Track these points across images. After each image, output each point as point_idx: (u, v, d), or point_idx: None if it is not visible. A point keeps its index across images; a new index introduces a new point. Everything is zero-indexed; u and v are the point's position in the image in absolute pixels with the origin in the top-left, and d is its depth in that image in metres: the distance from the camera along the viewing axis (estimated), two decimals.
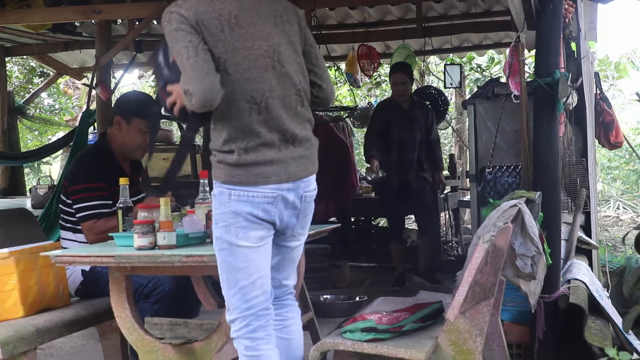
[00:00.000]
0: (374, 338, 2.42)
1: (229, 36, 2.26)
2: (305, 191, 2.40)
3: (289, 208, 2.37)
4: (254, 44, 2.29)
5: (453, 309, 2.29)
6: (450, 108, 9.48)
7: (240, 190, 2.28)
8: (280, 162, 2.32)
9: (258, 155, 2.28)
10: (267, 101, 2.30)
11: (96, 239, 3.12)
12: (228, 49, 2.25)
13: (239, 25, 2.28)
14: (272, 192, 2.30)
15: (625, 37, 33.72)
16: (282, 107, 2.34)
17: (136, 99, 3.54)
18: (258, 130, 2.28)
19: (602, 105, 5.26)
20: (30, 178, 13.46)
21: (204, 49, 2.21)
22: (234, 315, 2.34)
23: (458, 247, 7.73)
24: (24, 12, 5.58)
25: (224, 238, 2.30)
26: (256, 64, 2.29)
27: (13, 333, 2.63)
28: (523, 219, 2.74)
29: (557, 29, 3.37)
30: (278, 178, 2.31)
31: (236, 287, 2.31)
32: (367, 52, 6.88)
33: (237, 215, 2.28)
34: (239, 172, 2.27)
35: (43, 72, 10.94)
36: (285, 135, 2.33)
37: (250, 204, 2.28)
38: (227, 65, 2.25)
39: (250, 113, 2.28)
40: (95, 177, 3.22)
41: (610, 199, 13.10)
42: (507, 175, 4.00)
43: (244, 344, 2.33)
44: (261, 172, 2.28)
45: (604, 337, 3.30)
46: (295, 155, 2.36)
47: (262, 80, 2.29)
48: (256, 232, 2.31)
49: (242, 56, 2.27)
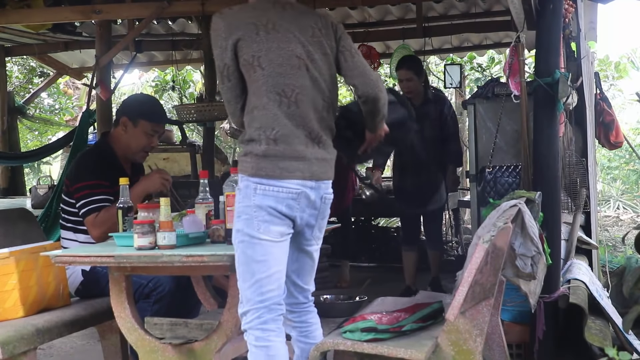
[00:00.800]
0: (374, 338, 2.42)
1: (264, 38, 2.40)
2: (326, 192, 2.50)
3: (310, 207, 2.44)
4: (289, 46, 2.42)
5: (453, 309, 2.29)
6: None
7: (266, 185, 2.35)
8: (305, 160, 2.40)
9: (286, 147, 2.37)
10: (297, 96, 2.41)
11: (100, 232, 3.10)
12: (262, 47, 2.39)
13: (276, 30, 2.42)
14: (297, 189, 2.38)
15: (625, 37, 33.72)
16: (311, 106, 2.44)
17: (144, 102, 3.55)
18: (285, 122, 2.39)
19: (602, 105, 5.26)
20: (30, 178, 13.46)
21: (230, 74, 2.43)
22: (247, 308, 2.38)
23: (458, 247, 7.72)
24: (24, 12, 5.58)
25: (245, 231, 2.36)
26: (290, 62, 2.41)
27: (13, 333, 2.63)
28: (523, 219, 2.74)
29: (557, 29, 3.37)
30: (302, 174, 2.39)
31: (252, 279, 2.36)
32: (367, 52, 6.86)
33: (261, 209, 2.35)
34: (266, 164, 2.35)
35: (43, 72, 10.94)
36: (311, 134, 2.43)
37: (274, 199, 2.35)
38: (262, 61, 2.39)
39: (280, 104, 2.39)
40: (98, 175, 3.22)
41: (610, 199, 13.09)
42: (507, 175, 4.00)
43: (255, 335, 2.37)
44: (287, 167, 2.37)
45: (604, 337, 3.30)
46: (319, 157, 2.45)
47: (294, 77, 2.41)
48: (277, 227, 2.38)
49: (276, 54, 2.40)
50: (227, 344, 2.64)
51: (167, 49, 7.54)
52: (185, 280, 3.25)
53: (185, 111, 5.59)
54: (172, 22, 7.13)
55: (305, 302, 2.60)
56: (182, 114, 5.58)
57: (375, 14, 7.10)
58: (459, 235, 7.88)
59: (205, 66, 7.11)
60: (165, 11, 5.30)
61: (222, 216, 2.71)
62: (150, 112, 3.40)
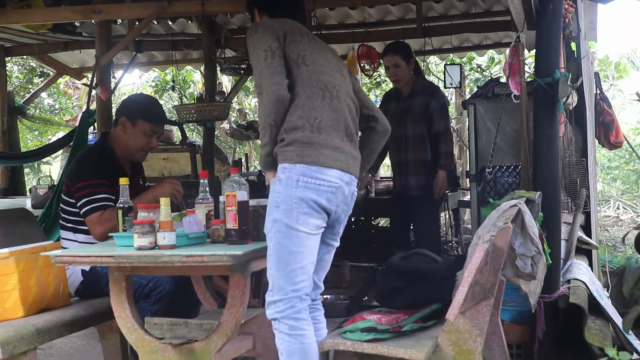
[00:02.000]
0: (374, 338, 2.42)
1: (307, 41, 2.61)
2: (355, 189, 2.63)
3: (344, 202, 2.56)
4: (326, 53, 2.68)
5: (453, 309, 2.29)
6: (450, 108, 9.48)
7: (309, 177, 2.42)
8: (343, 151, 2.53)
9: (328, 137, 2.49)
10: (338, 92, 2.60)
11: (104, 230, 3.09)
12: (307, 48, 2.58)
13: (315, 40, 2.68)
14: (336, 183, 2.48)
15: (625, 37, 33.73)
16: (346, 105, 2.63)
17: (144, 102, 3.55)
18: (329, 114, 2.54)
19: (602, 105, 5.26)
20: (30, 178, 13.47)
21: (280, 55, 2.51)
22: (279, 297, 2.44)
23: (458, 247, 7.73)
24: (24, 12, 5.58)
25: (284, 221, 2.43)
26: (330, 66, 2.64)
27: (13, 333, 2.63)
28: (523, 219, 2.74)
29: (557, 29, 3.37)
30: (341, 165, 2.50)
31: (286, 269, 2.43)
32: (367, 52, 6.86)
33: (302, 201, 2.42)
34: (311, 151, 2.45)
35: (43, 72, 10.94)
36: (347, 130, 2.58)
37: (316, 192, 2.44)
38: (306, 59, 2.56)
39: (323, 97, 2.54)
40: (98, 174, 3.22)
41: (610, 199, 13.10)
42: (507, 175, 4.00)
43: (289, 324, 2.43)
44: (330, 155, 2.47)
45: (604, 337, 3.30)
46: (352, 153, 2.59)
47: (334, 76, 2.62)
48: (315, 220, 2.46)
49: (318, 55, 2.61)
50: (227, 344, 2.64)
51: (167, 49, 7.53)
52: (185, 280, 3.25)
53: (185, 111, 5.59)
54: (172, 22, 7.13)
55: (315, 300, 2.66)
56: (182, 114, 5.58)
57: (375, 14, 7.10)
58: (459, 235, 7.89)
59: (205, 66, 7.11)
60: (165, 11, 5.30)
61: (222, 216, 2.71)
62: (149, 113, 3.40)
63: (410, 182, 4.86)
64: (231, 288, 2.57)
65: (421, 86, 4.91)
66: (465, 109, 5.05)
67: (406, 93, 4.90)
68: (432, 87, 5.10)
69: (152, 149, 3.48)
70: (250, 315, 3.00)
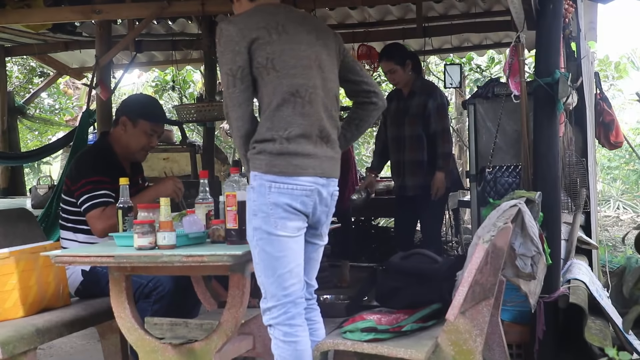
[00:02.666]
0: (374, 338, 2.42)
1: (276, 39, 2.44)
2: (334, 190, 2.57)
3: (322, 204, 2.51)
4: (299, 47, 2.48)
5: (453, 309, 2.29)
6: (450, 108, 9.48)
7: (280, 182, 2.39)
8: (316, 157, 2.47)
9: (298, 146, 2.43)
10: (310, 96, 2.47)
11: (106, 226, 3.09)
12: (276, 50, 2.44)
13: (286, 31, 2.47)
14: (310, 185, 2.44)
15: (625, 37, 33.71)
16: (322, 105, 2.52)
17: (144, 101, 3.56)
18: (300, 122, 2.44)
19: (602, 105, 5.26)
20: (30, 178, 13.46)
21: (242, 77, 2.42)
22: (272, 303, 2.43)
23: (458, 247, 7.73)
24: (24, 12, 5.58)
25: (263, 228, 2.41)
26: (301, 63, 2.47)
27: (13, 333, 2.63)
28: (523, 219, 2.74)
29: (557, 29, 3.37)
30: (314, 171, 2.45)
31: (274, 275, 2.42)
32: (367, 52, 6.86)
33: (277, 207, 2.40)
34: (280, 161, 2.40)
35: (43, 72, 10.94)
36: (322, 133, 2.50)
37: (289, 196, 2.40)
38: (275, 63, 2.43)
39: (294, 105, 2.44)
40: (98, 171, 3.22)
41: (610, 199, 13.10)
42: (507, 175, 4.00)
43: (283, 331, 2.42)
44: (300, 164, 2.42)
45: (604, 337, 3.30)
46: (328, 155, 2.52)
47: (306, 77, 2.48)
48: (294, 222, 2.43)
49: (289, 55, 2.45)
50: (227, 344, 2.64)
51: (167, 49, 7.53)
52: (185, 280, 3.25)
53: (185, 111, 5.59)
54: (172, 22, 7.13)
55: (310, 299, 2.64)
56: (182, 114, 5.58)
57: (375, 14, 7.10)
58: (459, 235, 7.89)
59: (205, 66, 7.11)
60: (165, 11, 5.30)
61: (222, 216, 2.71)
62: (150, 112, 3.40)
63: (407, 182, 4.83)
64: (231, 288, 2.58)
65: (419, 86, 4.85)
66: (465, 109, 5.05)
67: (406, 93, 4.86)
68: (430, 86, 5.02)
69: (152, 149, 3.48)
70: (250, 315, 2.99)
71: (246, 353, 3.04)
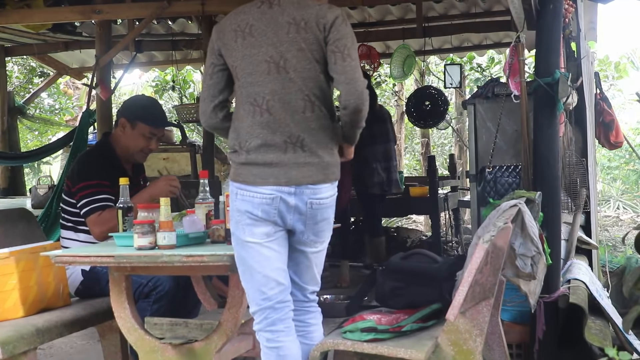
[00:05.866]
0: (374, 338, 2.42)
1: (240, 45, 2.41)
2: (312, 198, 2.40)
3: (292, 212, 2.40)
4: (259, 50, 2.39)
5: (453, 309, 2.29)
6: (450, 108, 9.48)
7: (243, 190, 2.39)
8: (281, 165, 2.36)
9: (258, 156, 2.38)
10: (268, 104, 2.38)
11: (104, 230, 3.09)
12: (238, 56, 2.41)
13: (251, 34, 2.40)
14: (270, 194, 2.37)
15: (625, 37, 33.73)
16: (285, 110, 2.38)
17: (143, 104, 3.53)
18: (259, 132, 2.39)
19: (602, 105, 5.25)
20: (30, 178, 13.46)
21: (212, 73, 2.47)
22: (253, 309, 2.44)
23: (458, 247, 7.73)
24: (24, 12, 5.59)
25: (236, 234, 2.42)
26: (258, 69, 2.39)
27: (13, 333, 2.63)
28: (523, 219, 2.74)
29: (557, 29, 3.37)
30: (276, 180, 2.37)
31: (251, 280, 2.41)
32: (367, 52, 6.87)
33: (242, 213, 2.40)
34: (242, 171, 2.41)
35: (43, 72, 10.95)
36: (290, 139, 2.38)
37: (250, 204, 2.38)
38: (238, 72, 2.42)
39: (254, 115, 2.40)
40: (99, 175, 3.22)
41: (610, 199, 13.11)
42: (507, 175, 4.00)
43: (265, 337, 2.42)
44: (260, 173, 2.38)
45: (604, 337, 3.30)
46: (300, 161, 2.38)
47: (263, 83, 2.39)
48: (260, 229, 2.39)
49: (248, 62, 2.40)
50: (227, 344, 2.64)
51: (167, 49, 7.54)
52: (185, 280, 3.25)
53: (185, 111, 5.61)
54: (172, 22, 7.13)
55: (305, 301, 2.57)
56: (182, 114, 5.59)
57: (375, 14, 7.11)
58: (459, 235, 7.89)
59: None
60: (165, 11, 5.30)
61: (222, 216, 2.71)
62: (149, 115, 3.39)
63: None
64: (231, 288, 2.58)
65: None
66: (465, 109, 5.05)
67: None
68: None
69: (152, 151, 3.48)
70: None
71: (246, 353, 3.03)
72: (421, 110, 7.25)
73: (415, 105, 7.25)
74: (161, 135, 3.46)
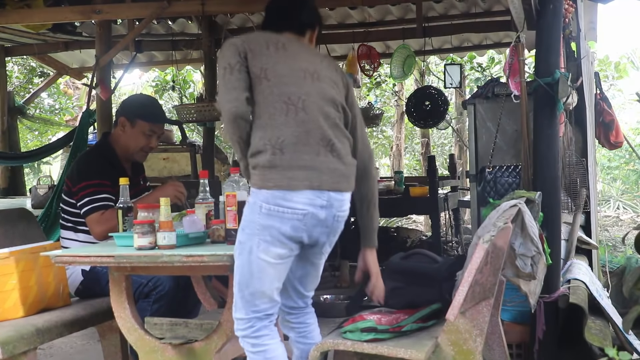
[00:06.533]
0: (374, 338, 2.42)
1: (273, 52, 2.42)
2: (339, 211, 2.43)
3: (320, 225, 2.39)
4: (295, 61, 2.44)
5: (453, 309, 2.29)
6: (450, 108, 9.48)
7: (272, 205, 2.30)
8: (314, 169, 2.34)
9: (293, 156, 2.32)
10: (303, 103, 2.38)
11: (104, 230, 3.09)
12: (270, 61, 2.39)
13: (285, 48, 2.45)
14: (303, 209, 2.32)
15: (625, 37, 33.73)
16: (320, 112, 2.40)
17: (143, 102, 3.54)
18: (294, 129, 2.35)
19: (602, 105, 5.25)
20: (30, 178, 13.47)
21: (239, 70, 2.35)
22: (239, 315, 2.40)
23: (458, 247, 7.73)
24: (24, 12, 5.59)
25: (247, 245, 2.34)
26: (296, 74, 2.41)
27: (13, 333, 2.63)
28: (523, 219, 2.74)
29: (557, 29, 3.37)
30: (311, 184, 2.32)
31: (246, 291, 2.37)
32: (367, 52, 6.87)
33: (264, 229, 2.31)
34: (274, 175, 2.30)
35: (43, 72, 10.95)
36: (323, 140, 2.38)
37: (279, 220, 2.31)
38: (268, 73, 2.37)
39: (287, 112, 2.35)
40: (99, 175, 3.22)
41: (610, 199, 13.11)
42: (507, 175, 4.00)
43: (251, 342, 2.40)
44: (295, 176, 2.31)
45: (604, 337, 3.30)
46: (331, 166, 2.38)
47: (299, 85, 2.40)
48: (277, 249, 2.34)
49: (283, 66, 2.41)
50: (227, 344, 2.64)
51: (167, 49, 7.54)
52: (185, 280, 3.25)
53: (185, 111, 5.60)
54: (172, 22, 7.13)
55: (305, 307, 2.63)
56: (182, 114, 5.58)
57: (375, 14, 7.10)
58: (459, 235, 7.89)
59: (205, 66, 7.11)
60: (165, 11, 5.30)
61: (222, 216, 2.71)
62: (148, 112, 3.39)
63: None
64: (231, 288, 2.57)
65: None
66: (465, 109, 5.06)
67: None
68: None
69: (152, 149, 3.48)
70: None
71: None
72: (421, 110, 7.24)
73: (415, 105, 7.25)
74: (161, 133, 3.46)
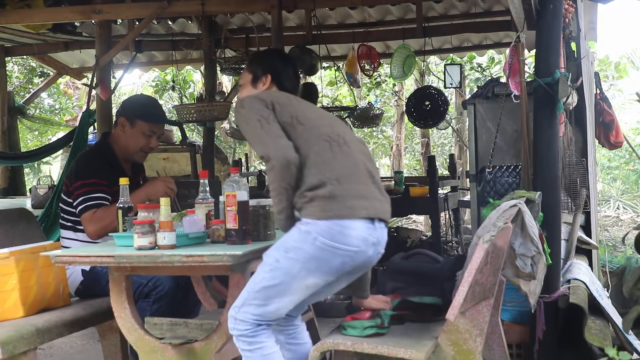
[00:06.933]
0: (375, 333, 2.43)
1: (296, 104, 2.56)
2: (382, 248, 2.49)
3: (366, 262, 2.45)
4: (314, 109, 2.64)
5: (453, 309, 2.29)
6: (450, 108, 9.48)
7: (328, 239, 2.33)
8: (367, 198, 2.42)
9: (349, 186, 2.40)
10: (343, 138, 2.50)
11: (98, 229, 3.10)
12: (298, 109, 2.53)
13: (303, 101, 2.63)
14: (356, 247, 2.36)
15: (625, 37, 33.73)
16: (358, 148, 2.54)
17: (142, 102, 3.54)
18: (344, 161, 2.44)
19: (602, 105, 5.25)
20: (30, 178, 13.48)
21: (275, 120, 2.45)
22: (241, 317, 2.41)
23: (458, 247, 7.73)
24: (24, 12, 5.59)
25: (283, 264, 2.37)
26: (324, 117, 2.59)
27: (13, 333, 2.63)
28: (523, 219, 2.74)
29: (557, 29, 3.37)
30: (367, 212, 2.39)
31: (262, 302, 2.40)
32: (367, 52, 6.86)
33: (312, 260, 2.35)
34: (333, 205, 2.35)
35: (43, 72, 10.95)
36: (368, 173, 2.49)
37: (331, 254, 2.35)
38: (300, 118, 2.49)
39: (331, 148, 2.45)
40: (97, 174, 3.22)
41: (610, 199, 13.11)
42: (507, 175, 4.00)
43: (247, 341, 2.42)
44: (354, 205, 2.37)
45: (604, 337, 3.30)
46: (378, 196, 2.47)
47: (331, 125, 2.54)
48: (316, 279, 2.39)
49: (311, 111, 2.57)
50: (227, 344, 2.64)
51: (167, 49, 7.54)
52: (185, 280, 3.25)
53: (185, 111, 5.59)
54: (172, 22, 7.13)
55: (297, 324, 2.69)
56: (182, 114, 5.58)
57: (375, 14, 7.11)
58: (459, 235, 7.89)
59: (205, 66, 7.11)
60: (165, 11, 5.31)
61: (222, 216, 2.71)
62: (148, 113, 3.39)
63: None
64: (231, 288, 2.57)
65: None
66: (465, 109, 5.05)
67: None
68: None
69: (151, 150, 3.48)
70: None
71: None
72: (421, 110, 7.24)
73: (415, 105, 7.25)
74: (161, 134, 3.46)
